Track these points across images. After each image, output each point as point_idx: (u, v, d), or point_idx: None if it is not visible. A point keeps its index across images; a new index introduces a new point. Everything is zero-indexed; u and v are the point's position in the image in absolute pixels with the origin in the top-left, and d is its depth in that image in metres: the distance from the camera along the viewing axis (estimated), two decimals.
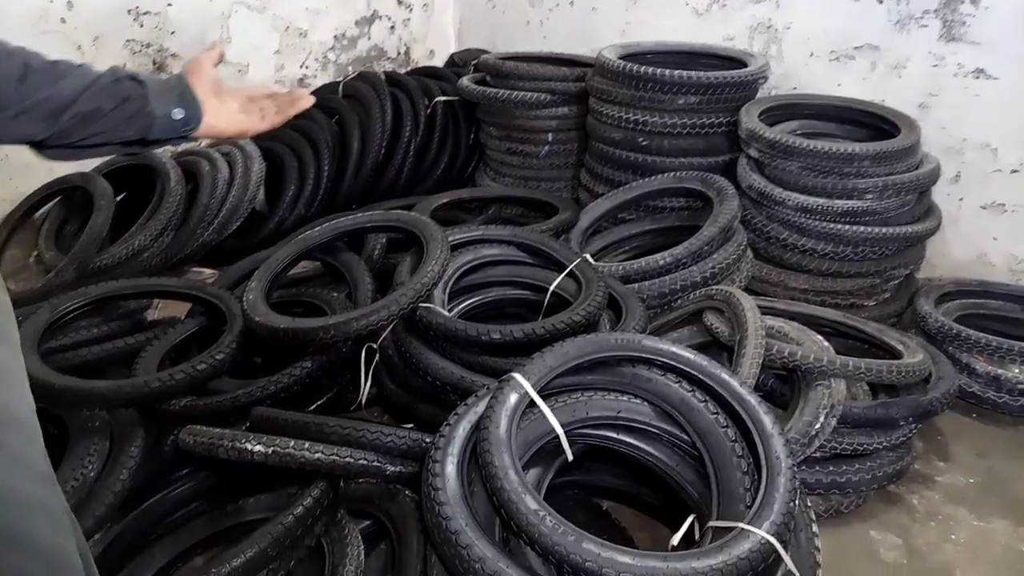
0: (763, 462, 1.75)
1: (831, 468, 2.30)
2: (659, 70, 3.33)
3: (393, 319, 2.37)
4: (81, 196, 3.69)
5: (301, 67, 4.67)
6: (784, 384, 2.53)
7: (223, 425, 2.21)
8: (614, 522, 2.17)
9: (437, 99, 4.30)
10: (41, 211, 3.80)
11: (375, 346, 2.55)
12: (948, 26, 3.32)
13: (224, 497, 2.16)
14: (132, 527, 2.04)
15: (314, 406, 2.54)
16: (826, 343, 2.54)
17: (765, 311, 2.78)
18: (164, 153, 3.78)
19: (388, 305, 2.34)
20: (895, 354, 2.59)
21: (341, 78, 4.62)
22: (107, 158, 3.77)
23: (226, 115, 1.31)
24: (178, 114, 1.23)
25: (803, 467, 2.29)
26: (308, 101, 1.41)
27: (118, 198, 3.74)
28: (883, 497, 2.43)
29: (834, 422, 2.30)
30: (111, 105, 1.17)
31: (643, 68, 3.35)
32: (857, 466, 2.31)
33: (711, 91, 3.36)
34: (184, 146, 3.91)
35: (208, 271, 3.72)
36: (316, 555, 1.93)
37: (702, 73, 3.33)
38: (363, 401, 2.57)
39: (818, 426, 2.23)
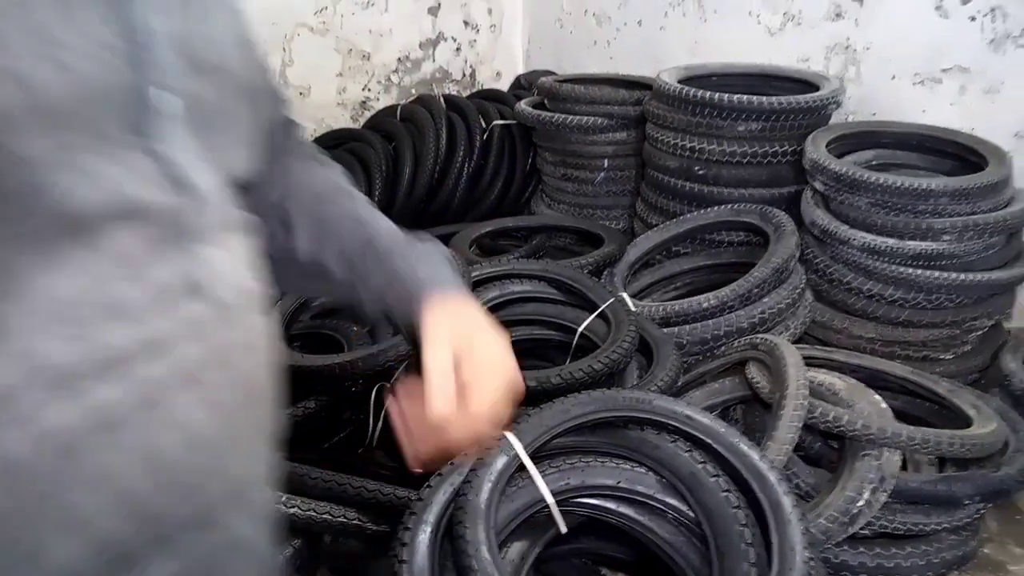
0: (775, 553, 1.54)
1: (878, 550, 2.03)
2: (717, 94, 3.10)
3: (402, 360, 2.26)
4: None
5: (364, 90, 4.66)
6: (834, 448, 2.27)
7: None
8: None
9: (494, 123, 4.19)
10: None
11: (388, 385, 2.44)
12: None
13: None
14: None
15: (328, 444, 2.45)
16: (884, 405, 2.26)
17: (821, 362, 2.53)
18: None
19: (397, 345, 2.23)
20: (966, 420, 2.28)
21: (403, 100, 4.58)
22: None
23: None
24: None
25: (844, 547, 2.02)
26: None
27: None
28: None
29: (883, 497, 2.03)
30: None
31: (699, 92, 3.13)
32: (909, 549, 2.03)
33: (775, 117, 3.11)
34: None
35: None
36: None
37: (764, 98, 3.08)
38: (374, 442, 2.46)
39: (861, 503, 1.97)
